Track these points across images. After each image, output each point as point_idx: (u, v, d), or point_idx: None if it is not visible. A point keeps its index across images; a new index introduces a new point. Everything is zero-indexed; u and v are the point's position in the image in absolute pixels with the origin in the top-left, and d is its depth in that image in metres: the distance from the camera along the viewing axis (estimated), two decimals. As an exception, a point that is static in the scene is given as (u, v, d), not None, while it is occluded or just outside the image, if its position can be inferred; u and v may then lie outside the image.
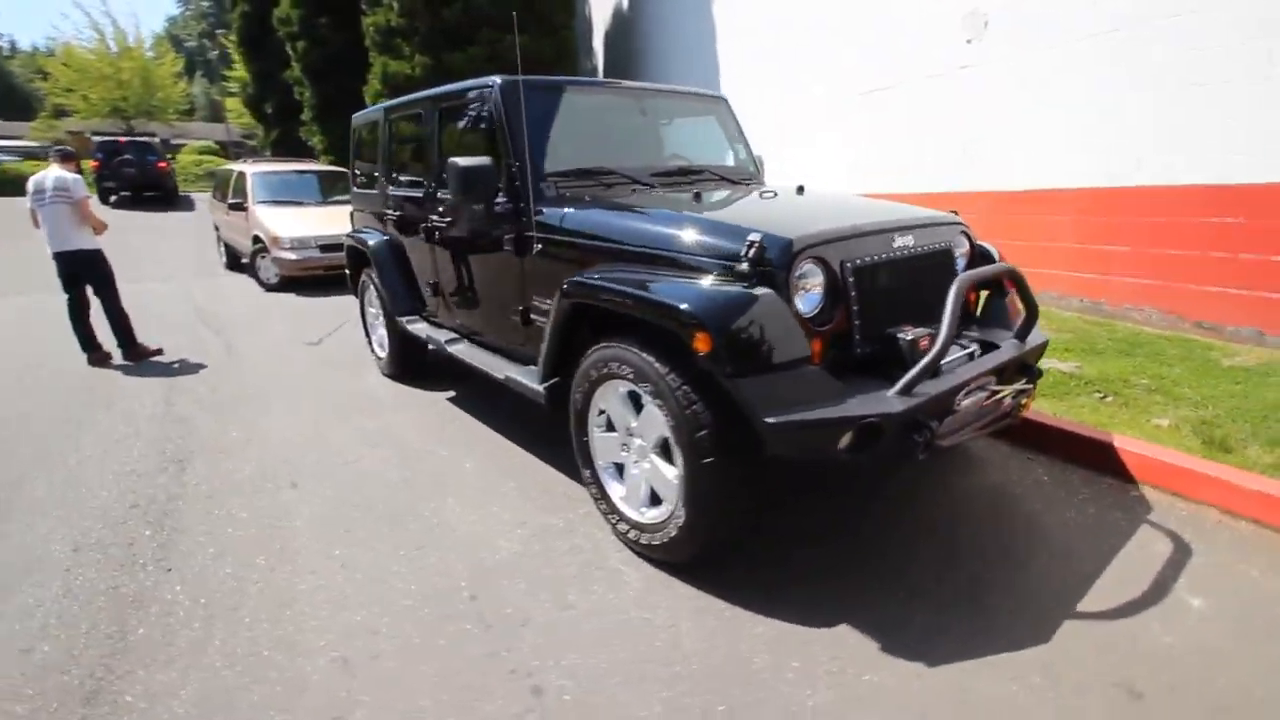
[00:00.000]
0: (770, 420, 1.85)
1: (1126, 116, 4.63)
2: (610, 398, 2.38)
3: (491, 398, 4.17)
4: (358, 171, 4.90)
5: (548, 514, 2.74)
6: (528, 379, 2.91)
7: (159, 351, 5.35)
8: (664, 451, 2.22)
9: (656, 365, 2.10)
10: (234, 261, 9.96)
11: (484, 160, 2.89)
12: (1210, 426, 2.99)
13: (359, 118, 4.82)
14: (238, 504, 2.91)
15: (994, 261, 2.66)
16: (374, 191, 4.51)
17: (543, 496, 2.89)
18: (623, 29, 14.32)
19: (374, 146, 4.54)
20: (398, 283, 4.26)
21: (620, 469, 2.48)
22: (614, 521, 2.46)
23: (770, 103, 8.00)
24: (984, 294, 2.76)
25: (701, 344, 1.90)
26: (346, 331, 6.17)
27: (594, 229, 2.59)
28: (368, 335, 4.97)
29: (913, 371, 1.98)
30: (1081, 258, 5.06)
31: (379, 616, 2.12)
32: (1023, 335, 2.45)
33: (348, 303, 7.54)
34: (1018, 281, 2.41)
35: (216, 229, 10.87)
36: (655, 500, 2.33)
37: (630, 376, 2.20)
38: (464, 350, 3.54)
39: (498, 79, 3.02)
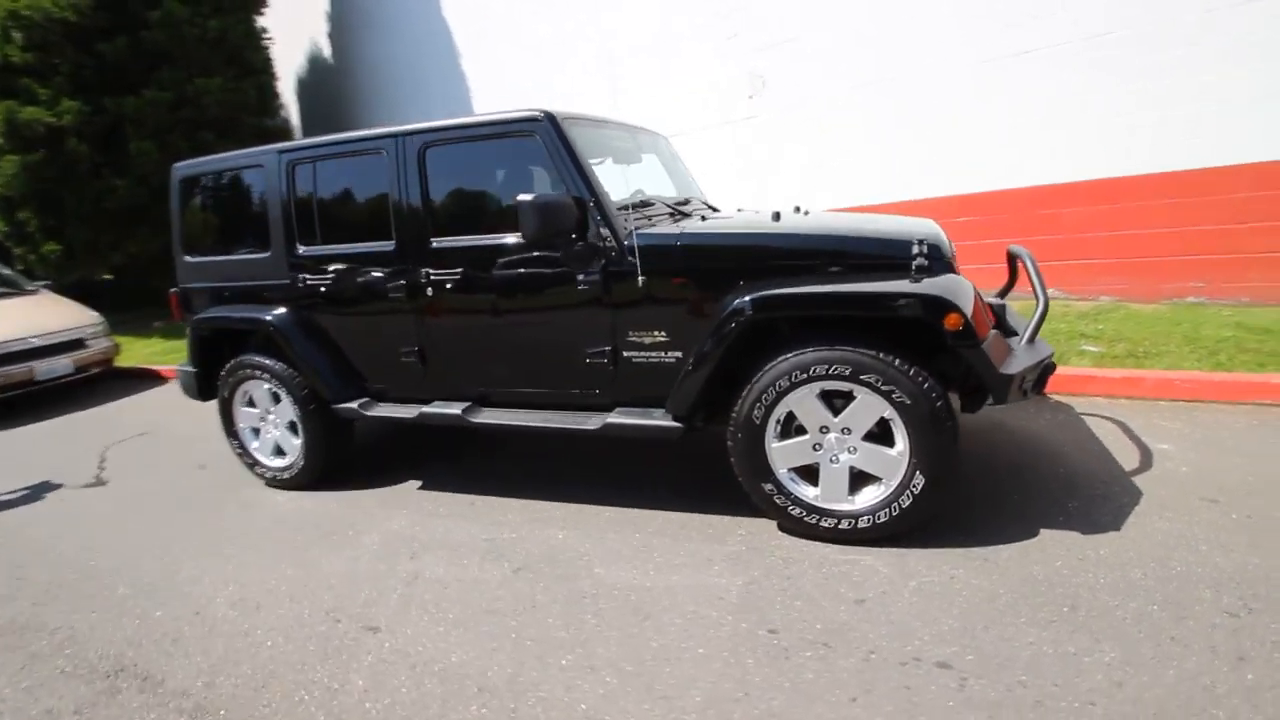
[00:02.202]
0: (1007, 373, 2.27)
1: (894, 150, 6.22)
2: (805, 401, 2.48)
3: (482, 461, 3.67)
4: (195, 236, 3.76)
5: (715, 544, 2.64)
6: (645, 419, 2.78)
7: None
8: (876, 436, 2.44)
9: (880, 355, 2.33)
10: None
11: (559, 196, 2.68)
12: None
13: (191, 168, 3.72)
14: None
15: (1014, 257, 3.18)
16: (251, 257, 3.54)
17: (697, 537, 2.76)
18: (323, 74, 13.15)
19: (240, 204, 3.59)
20: (327, 364, 3.44)
21: (799, 472, 2.58)
22: (816, 520, 2.54)
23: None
24: None
25: (953, 322, 2.20)
26: (134, 454, 4.53)
27: (742, 247, 2.67)
28: (241, 446, 3.79)
29: (1032, 326, 2.61)
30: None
31: None
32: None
33: (63, 427, 5.60)
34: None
35: None
36: (855, 487, 2.51)
37: (843, 373, 2.36)
38: (498, 416, 3.09)
39: (541, 111, 2.80)
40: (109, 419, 5.94)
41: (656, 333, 2.78)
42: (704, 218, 3.06)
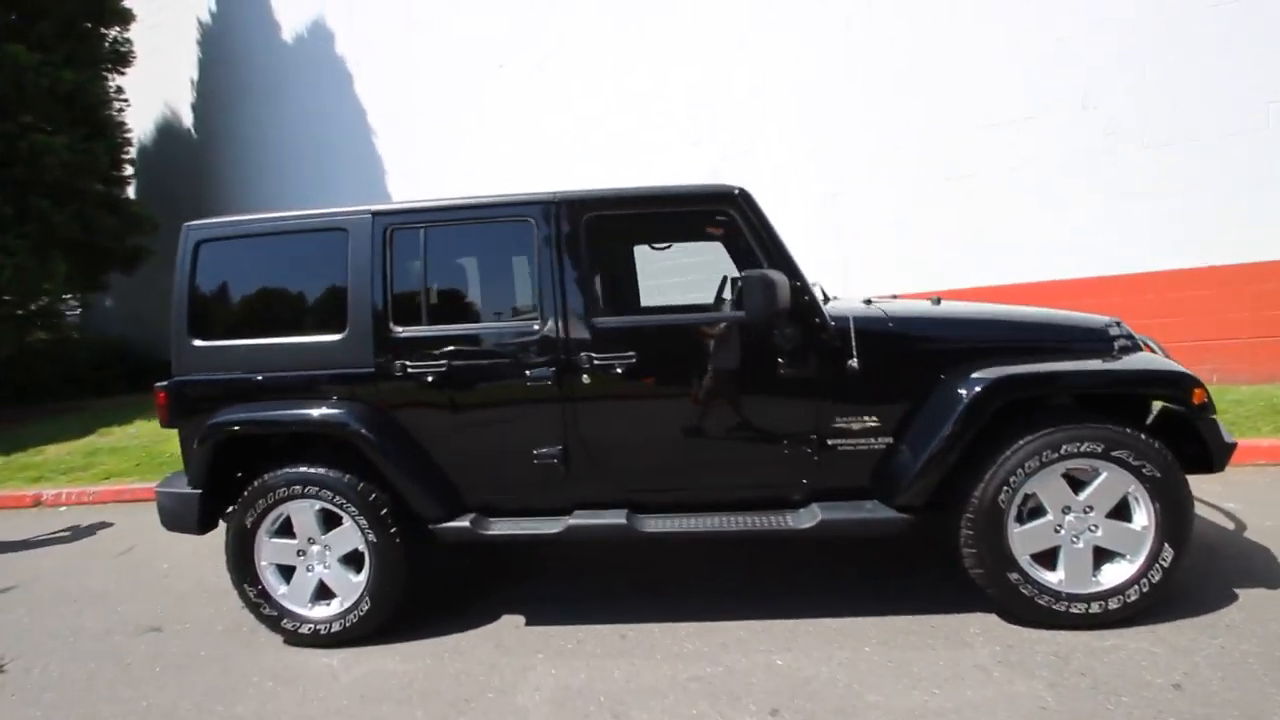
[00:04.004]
0: (1231, 442, 2.44)
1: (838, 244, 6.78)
2: (1050, 482, 2.43)
3: (564, 583, 3.13)
4: (211, 315, 2.90)
5: (965, 648, 2.42)
6: (865, 513, 2.56)
7: None
8: (1116, 512, 2.45)
9: (1129, 430, 2.39)
10: None
11: (778, 273, 2.49)
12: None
13: (215, 229, 2.93)
14: None
15: None
16: (312, 341, 2.81)
17: (938, 644, 2.50)
18: (177, 145, 11.65)
19: (298, 275, 2.89)
20: (428, 473, 2.76)
21: (1038, 558, 2.50)
22: (1065, 607, 2.43)
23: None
24: None
25: (1199, 396, 2.35)
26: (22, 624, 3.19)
27: (961, 330, 2.68)
28: (261, 592, 2.82)
29: None
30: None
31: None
32: None
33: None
34: None
35: None
36: (1099, 565, 2.49)
37: (1095, 451, 2.37)
38: (678, 524, 2.65)
39: (736, 186, 2.63)
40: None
41: (866, 418, 2.62)
42: (869, 301, 3.03)
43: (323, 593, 2.85)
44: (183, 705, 2.51)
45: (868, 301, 2.97)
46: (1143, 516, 2.43)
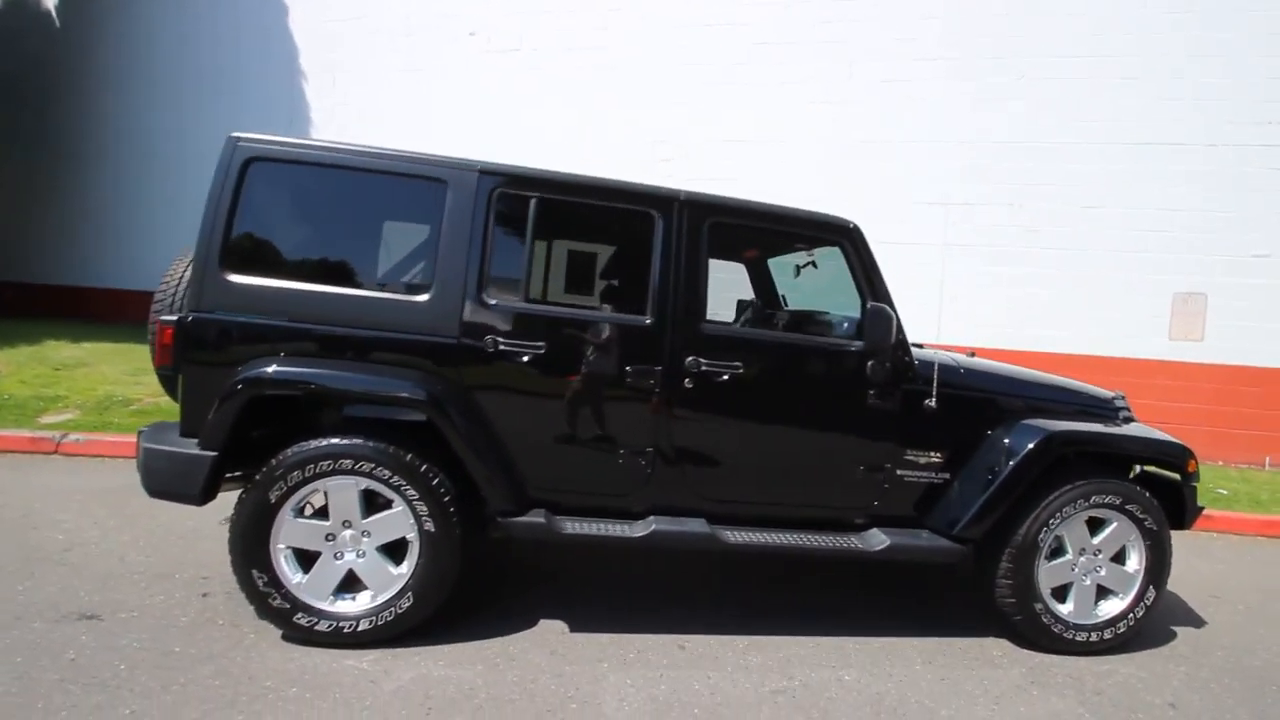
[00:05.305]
0: (1199, 506, 2.98)
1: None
2: (1076, 527, 2.79)
3: (592, 589, 3.06)
4: (255, 247, 2.44)
5: (996, 669, 2.68)
6: (928, 541, 2.78)
7: None
8: (1115, 556, 2.88)
9: (1135, 487, 2.83)
10: None
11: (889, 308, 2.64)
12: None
13: (271, 149, 2.48)
14: None
15: None
16: (388, 298, 2.48)
17: (974, 664, 2.74)
18: (32, 24, 9.77)
19: (375, 220, 2.54)
20: (506, 460, 2.54)
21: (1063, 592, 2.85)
22: (1072, 635, 2.80)
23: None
24: None
25: (1192, 466, 2.84)
26: None
27: (1016, 387, 2.98)
28: (271, 580, 2.39)
29: None
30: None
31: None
32: None
33: None
34: None
35: None
36: (1098, 600, 2.89)
37: (1114, 503, 2.77)
38: (757, 536, 2.66)
39: (850, 221, 2.74)
40: None
41: (933, 454, 2.84)
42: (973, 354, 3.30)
43: (346, 586, 2.48)
44: (186, 715, 2.05)
45: (971, 354, 3.27)
46: (1135, 561, 2.87)
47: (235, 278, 2.42)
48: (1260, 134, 5.80)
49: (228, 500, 2.51)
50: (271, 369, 2.33)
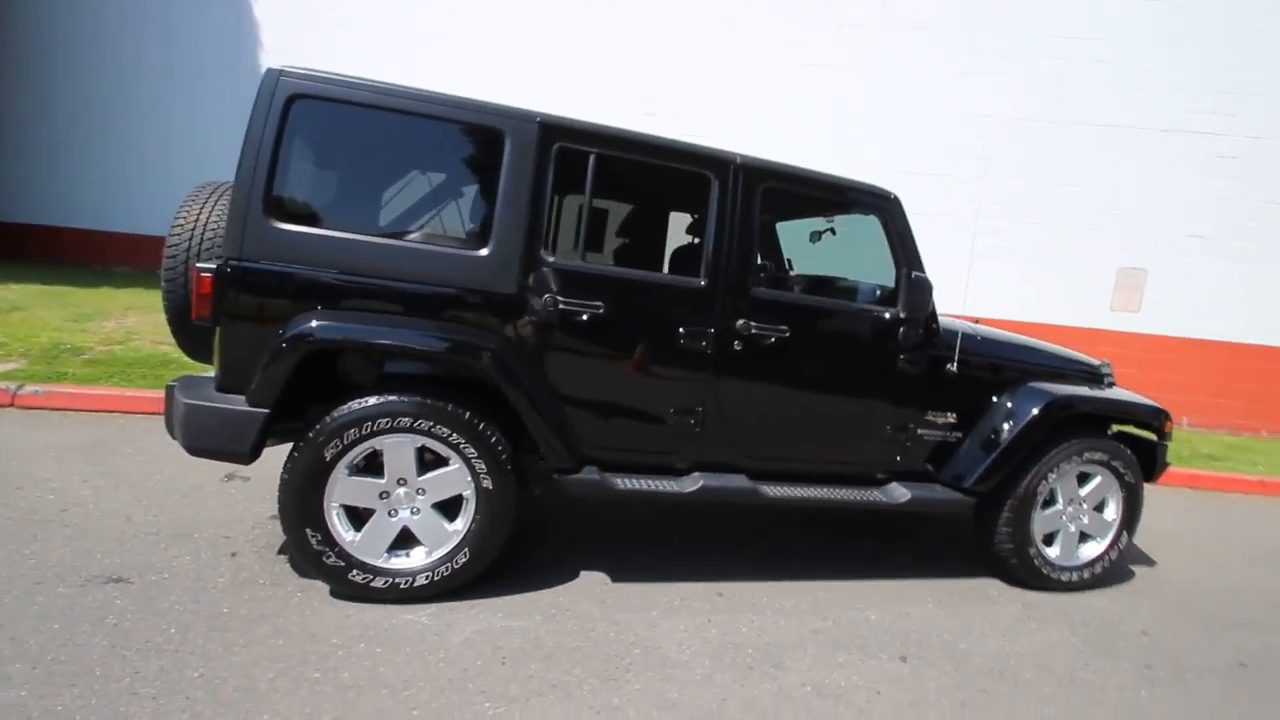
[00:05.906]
0: (1166, 462, 3.34)
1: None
2: (1067, 480, 3.09)
3: (621, 541, 3.17)
4: (301, 193, 2.30)
5: (990, 605, 2.99)
6: (943, 494, 3.02)
7: None
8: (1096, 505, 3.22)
9: (1119, 445, 3.15)
10: None
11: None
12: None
13: (318, 85, 2.30)
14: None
15: None
16: (445, 252, 2.40)
17: (984, 599, 3.01)
18: None
19: (430, 167, 2.43)
20: (564, 418, 2.55)
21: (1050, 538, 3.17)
22: (1060, 577, 3.13)
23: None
24: None
25: (1169, 427, 3.17)
26: None
27: (1024, 355, 3.24)
28: (325, 538, 2.35)
29: None
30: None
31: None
32: None
33: None
34: None
35: None
36: (1079, 544, 3.23)
37: (1100, 459, 3.08)
38: (792, 491, 2.81)
39: (891, 192, 2.82)
40: None
41: (949, 414, 3.05)
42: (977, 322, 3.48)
43: (400, 543, 2.47)
44: (260, 676, 2.02)
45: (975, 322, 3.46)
46: (1113, 510, 3.22)
47: (281, 225, 2.27)
48: (1210, 123, 6.30)
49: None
50: (330, 323, 2.23)
